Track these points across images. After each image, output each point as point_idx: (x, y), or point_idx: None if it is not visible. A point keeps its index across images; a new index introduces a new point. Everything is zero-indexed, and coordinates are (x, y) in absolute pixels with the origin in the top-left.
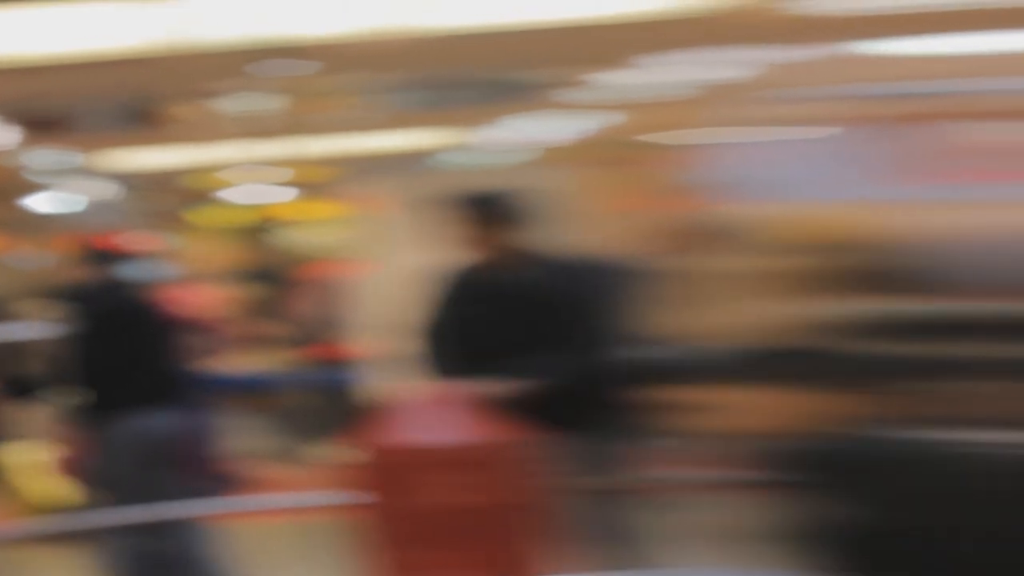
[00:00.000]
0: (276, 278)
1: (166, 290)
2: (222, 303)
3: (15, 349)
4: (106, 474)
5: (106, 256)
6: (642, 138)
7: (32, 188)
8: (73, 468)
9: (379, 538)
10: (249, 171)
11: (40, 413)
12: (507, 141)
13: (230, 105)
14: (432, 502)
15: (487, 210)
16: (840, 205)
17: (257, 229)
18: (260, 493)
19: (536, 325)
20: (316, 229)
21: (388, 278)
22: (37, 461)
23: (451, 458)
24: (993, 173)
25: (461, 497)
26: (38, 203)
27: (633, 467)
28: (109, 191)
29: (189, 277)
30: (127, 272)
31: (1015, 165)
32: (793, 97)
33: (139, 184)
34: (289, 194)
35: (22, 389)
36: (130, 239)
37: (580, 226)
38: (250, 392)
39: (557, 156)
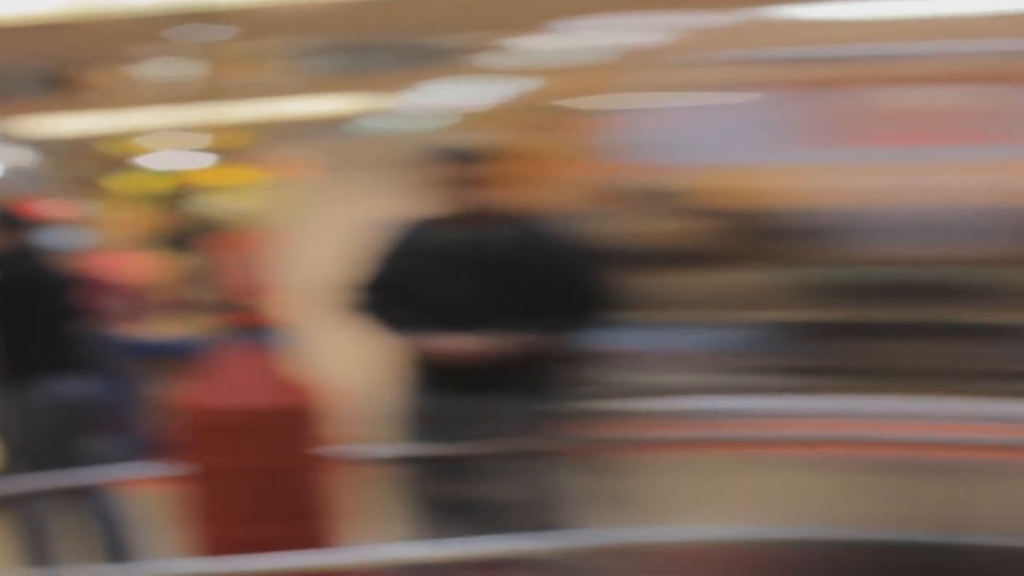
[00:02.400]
0: (195, 244)
1: (85, 256)
2: (142, 269)
3: None
4: (21, 440)
5: (18, 222)
6: (560, 103)
7: None
8: None
9: (183, 498)
10: (167, 137)
11: None
12: (426, 106)
13: (148, 70)
14: (235, 464)
15: (468, 166)
16: (755, 168)
17: (175, 195)
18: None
19: (507, 284)
20: (235, 195)
21: (307, 242)
22: None
23: (250, 421)
24: (905, 137)
25: (262, 459)
26: None
27: (574, 429)
28: (26, 158)
29: (108, 243)
30: (43, 239)
31: (927, 129)
32: (708, 61)
33: (56, 150)
34: (207, 160)
35: None
36: (48, 206)
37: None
38: (170, 358)
39: (475, 121)
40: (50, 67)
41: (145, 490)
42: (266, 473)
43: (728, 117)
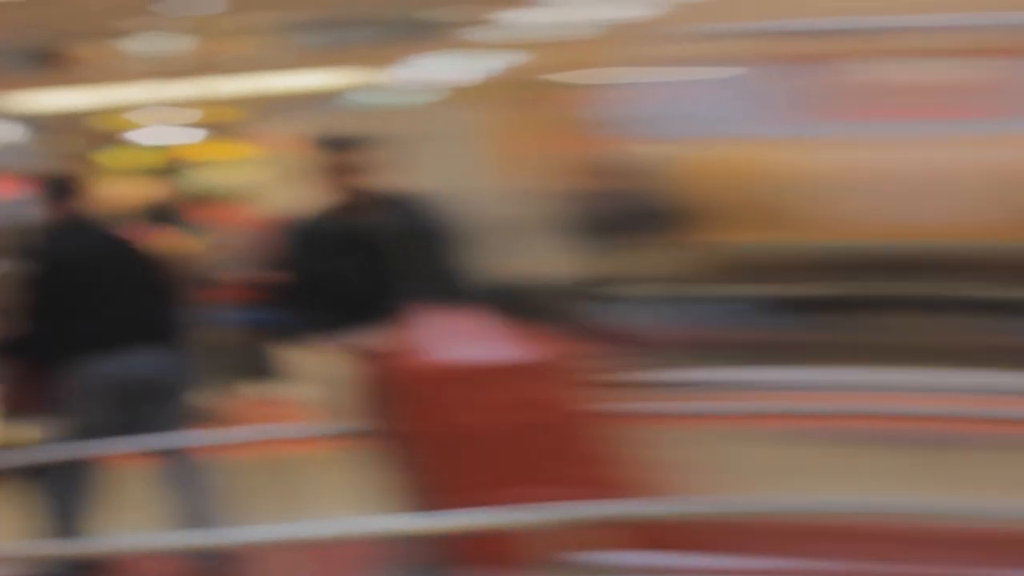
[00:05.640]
0: (186, 219)
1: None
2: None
3: None
4: (83, 415)
5: (69, 190)
6: (549, 77)
7: None
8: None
9: (419, 461)
10: (157, 112)
11: None
12: (415, 80)
13: (137, 45)
14: (479, 421)
15: (340, 154)
16: (744, 142)
17: (166, 170)
18: (216, 428)
19: (393, 268)
20: (225, 169)
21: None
22: None
23: (498, 374)
24: (896, 111)
25: (509, 415)
26: None
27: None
28: (15, 133)
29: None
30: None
31: (917, 102)
32: (698, 35)
33: (46, 126)
34: (197, 135)
35: None
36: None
37: (488, 164)
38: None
39: (464, 95)
40: (39, 42)
41: (215, 458)
42: (524, 429)
43: (716, 91)
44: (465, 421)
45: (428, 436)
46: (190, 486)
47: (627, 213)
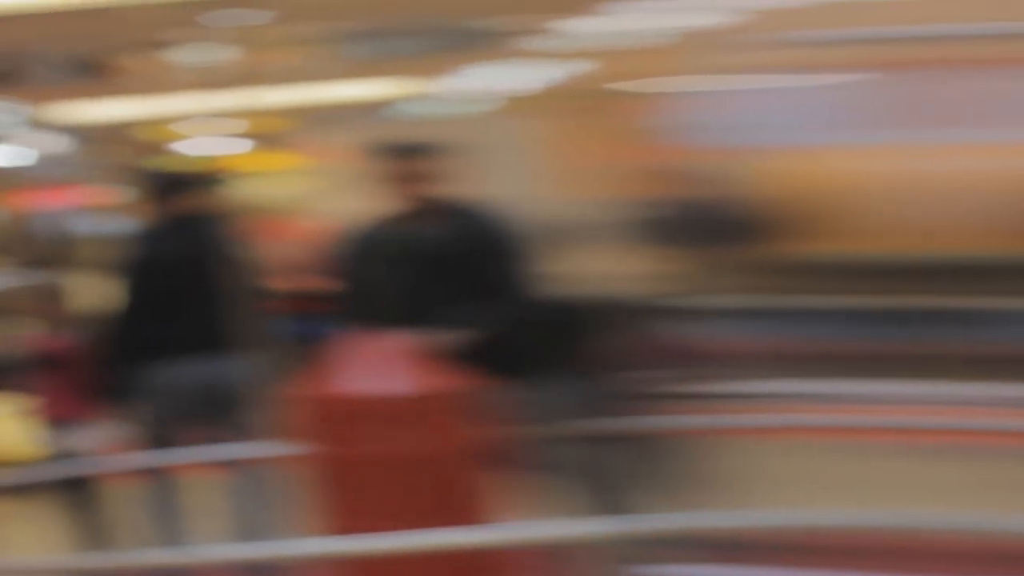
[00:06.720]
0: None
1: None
2: None
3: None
4: (156, 418)
5: (182, 188)
6: (612, 87)
7: None
8: (54, 415)
9: (321, 487)
10: (203, 123)
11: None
12: (468, 91)
13: (183, 56)
14: (373, 452)
15: (407, 161)
16: (816, 150)
17: (212, 181)
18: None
19: (455, 278)
20: (272, 181)
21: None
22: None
23: (392, 408)
24: (980, 117)
25: (402, 447)
26: None
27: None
28: (61, 144)
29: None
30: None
31: (1003, 109)
32: (766, 44)
33: (92, 137)
34: (244, 146)
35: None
36: (84, 192)
37: (547, 174)
38: None
39: (522, 106)
40: (85, 53)
41: (277, 469)
42: (418, 462)
43: (784, 99)
44: (357, 452)
45: (330, 464)
46: (252, 497)
47: (701, 223)
